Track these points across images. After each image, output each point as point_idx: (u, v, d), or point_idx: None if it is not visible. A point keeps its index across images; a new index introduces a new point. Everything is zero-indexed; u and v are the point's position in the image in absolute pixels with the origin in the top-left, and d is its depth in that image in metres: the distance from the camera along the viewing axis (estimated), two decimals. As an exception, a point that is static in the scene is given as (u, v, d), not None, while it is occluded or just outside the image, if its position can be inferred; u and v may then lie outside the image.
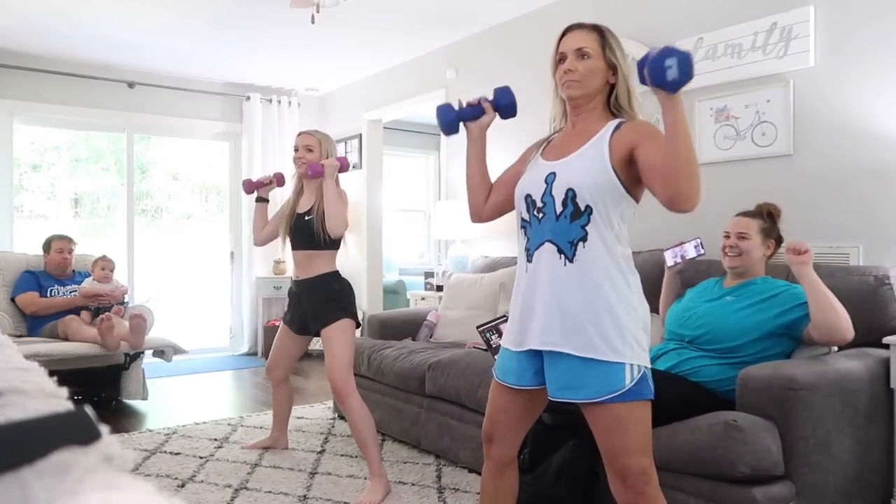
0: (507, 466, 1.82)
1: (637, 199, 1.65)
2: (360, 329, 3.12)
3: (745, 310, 2.31)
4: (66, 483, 0.41)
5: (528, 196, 1.69)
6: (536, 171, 1.71)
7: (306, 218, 2.91)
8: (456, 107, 1.88)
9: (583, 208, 1.59)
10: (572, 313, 1.58)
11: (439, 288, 4.83)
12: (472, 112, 1.87)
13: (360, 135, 6.11)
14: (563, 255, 1.61)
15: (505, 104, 1.84)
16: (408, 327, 3.99)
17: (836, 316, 2.13)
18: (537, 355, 1.68)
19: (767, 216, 2.46)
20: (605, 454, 1.61)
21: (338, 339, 2.84)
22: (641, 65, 1.47)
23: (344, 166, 2.90)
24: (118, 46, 5.18)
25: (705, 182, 3.44)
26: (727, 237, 2.46)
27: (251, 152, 6.27)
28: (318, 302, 2.91)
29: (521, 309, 1.70)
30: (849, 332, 2.15)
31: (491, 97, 1.87)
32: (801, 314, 2.21)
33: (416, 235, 8.23)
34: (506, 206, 1.87)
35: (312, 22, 3.75)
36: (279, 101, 6.38)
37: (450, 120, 1.86)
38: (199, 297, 6.57)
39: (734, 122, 3.24)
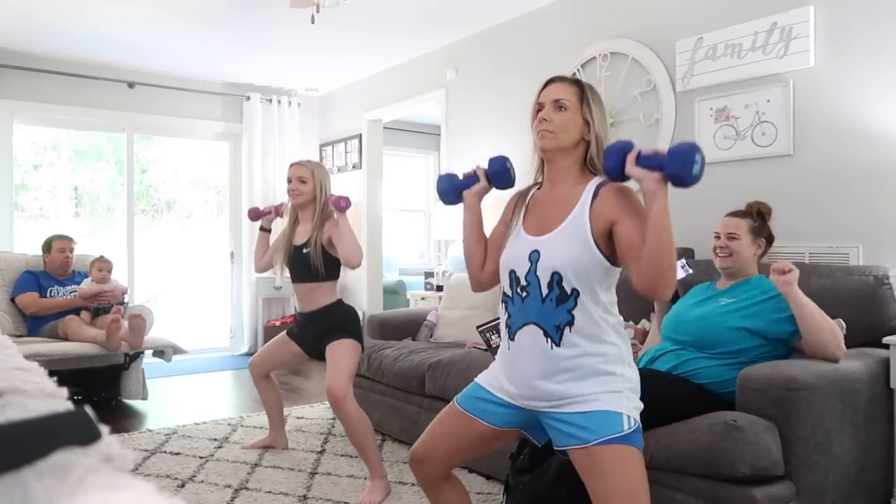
0: (442, 481, 1.82)
1: (620, 266, 1.64)
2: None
3: (739, 312, 2.30)
4: (66, 483, 0.41)
5: (512, 272, 1.67)
6: (519, 245, 1.68)
7: (304, 251, 2.90)
8: (461, 176, 1.89)
9: (569, 292, 1.57)
10: (565, 388, 1.58)
11: (439, 288, 4.83)
12: (469, 182, 1.87)
13: (360, 135, 6.11)
14: (549, 339, 1.60)
15: (492, 173, 1.83)
16: (408, 327, 3.99)
17: (824, 337, 2.13)
18: (519, 409, 1.69)
19: (757, 215, 2.45)
20: (597, 500, 1.58)
21: (342, 353, 2.84)
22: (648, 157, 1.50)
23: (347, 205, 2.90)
24: (118, 46, 5.18)
25: (705, 182, 3.44)
26: (717, 238, 2.46)
27: (251, 152, 6.27)
28: (324, 330, 2.93)
29: (507, 377, 1.69)
30: (839, 350, 2.13)
31: (486, 166, 1.87)
32: (793, 328, 2.21)
33: (416, 235, 8.23)
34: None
35: (312, 22, 3.75)
36: (279, 101, 6.38)
37: (444, 190, 1.89)
38: (199, 297, 6.57)
39: (734, 122, 3.24)
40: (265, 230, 3.28)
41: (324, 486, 2.82)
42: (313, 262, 2.86)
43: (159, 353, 4.32)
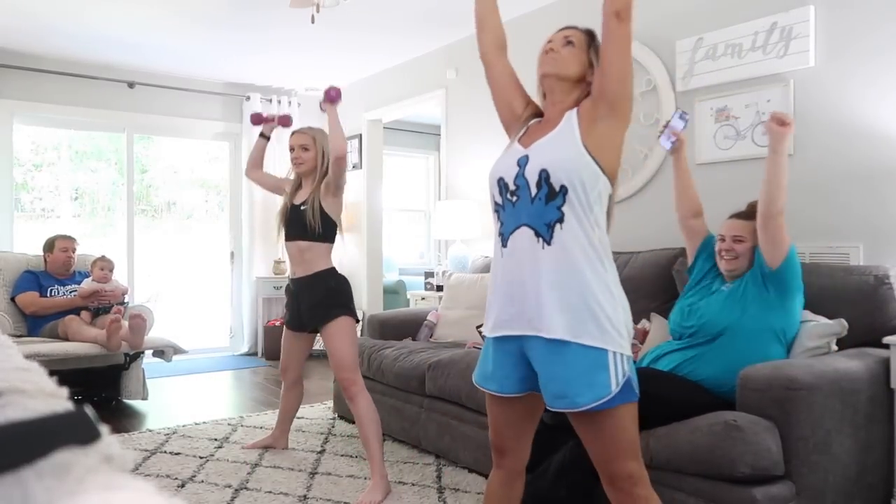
0: (519, 475, 1.82)
1: (612, 177, 1.63)
2: (359, 326, 3.13)
3: (737, 295, 2.33)
4: (66, 483, 0.41)
5: (500, 179, 1.68)
6: (510, 154, 1.71)
7: (302, 208, 2.92)
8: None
9: (557, 188, 1.57)
10: (554, 297, 1.57)
11: (439, 288, 4.83)
12: None
13: (360, 135, 6.11)
14: (540, 238, 1.59)
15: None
16: (408, 327, 3.99)
17: (779, 193, 2.23)
18: (520, 361, 1.67)
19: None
20: (595, 460, 1.63)
21: (339, 337, 2.84)
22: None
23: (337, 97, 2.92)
24: (118, 46, 5.18)
25: (705, 182, 3.45)
26: (722, 240, 2.45)
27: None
28: (316, 300, 2.92)
29: (502, 294, 1.68)
30: (782, 212, 2.24)
31: None
32: (757, 255, 2.30)
33: (416, 235, 8.23)
34: (506, 82, 1.96)
35: (312, 22, 3.75)
36: (279, 101, 6.38)
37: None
38: (199, 297, 6.57)
39: (734, 122, 3.24)
40: (264, 137, 3.31)
41: (324, 486, 2.82)
42: (309, 219, 2.87)
43: (159, 353, 4.33)
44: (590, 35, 1.74)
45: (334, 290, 2.93)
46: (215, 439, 3.48)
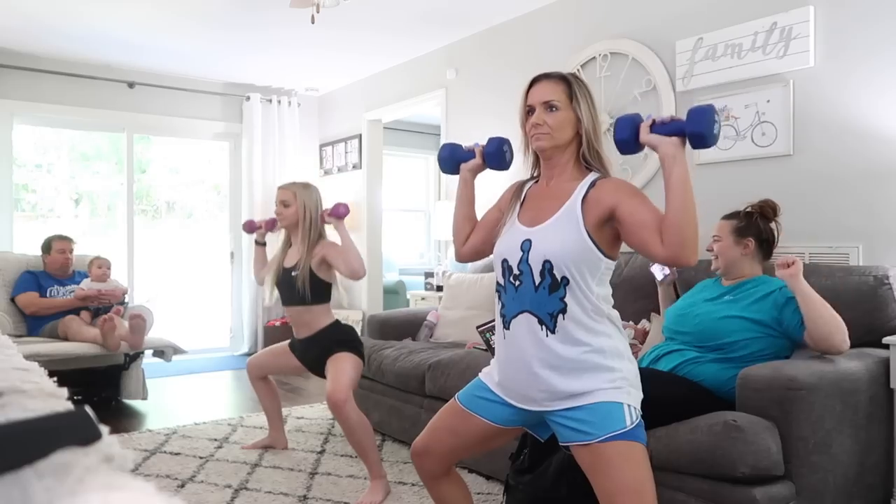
0: (443, 476, 1.83)
1: (614, 259, 1.65)
2: (360, 329, 3.13)
3: (742, 309, 2.31)
4: (66, 483, 0.41)
5: (504, 261, 1.68)
6: (513, 235, 1.69)
7: (292, 273, 2.89)
8: (464, 147, 1.95)
9: (559, 279, 1.58)
10: (564, 378, 1.59)
11: (439, 288, 4.83)
12: (467, 156, 1.94)
13: (360, 135, 6.11)
14: (544, 327, 1.60)
15: (488, 153, 1.89)
16: (408, 327, 3.99)
17: (829, 329, 2.12)
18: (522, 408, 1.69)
19: (745, 215, 2.46)
20: (602, 498, 1.58)
21: (343, 364, 2.82)
22: (664, 123, 1.54)
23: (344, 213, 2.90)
24: (118, 46, 5.18)
25: (705, 182, 3.45)
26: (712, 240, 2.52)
27: (251, 152, 6.27)
28: (323, 350, 2.91)
29: (507, 374, 1.69)
30: (844, 343, 2.13)
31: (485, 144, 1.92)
32: (798, 319, 2.21)
33: (416, 235, 8.23)
34: (484, 251, 1.89)
35: (312, 22, 3.75)
36: (279, 101, 6.38)
37: (444, 158, 1.96)
38: (199, 297, 6.56)
39: (734, 122, 3.24)
40: (259, 244, 3.32)
41: (324, 486, 2.82)
42: (298, 286, 2.85)
43: (159, 353, 4.32)
44: (567, 83, 1.68)
45: (340, 339, 2.92)
46: (215, 439, 3.48)
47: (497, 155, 1.87)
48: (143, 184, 6.27)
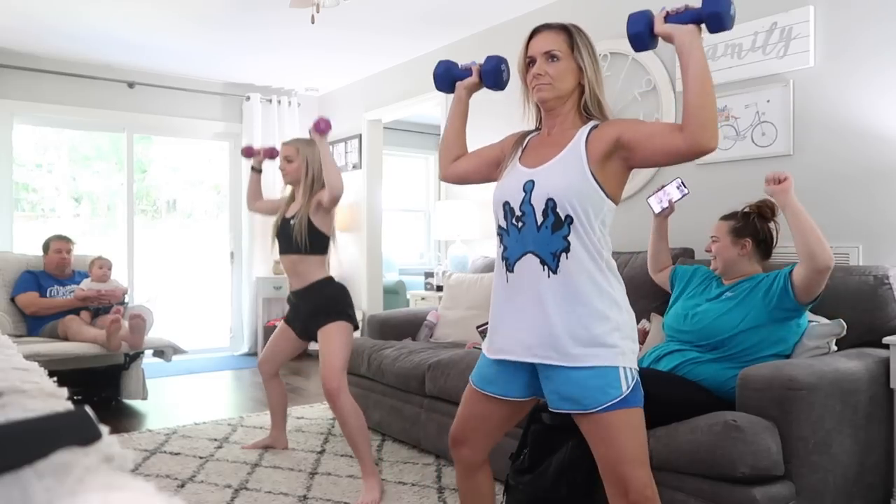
0: (479, 468, 1.83)
1: (616, 201, 1.64)
2: (359, 330, 3.13)
3: (739, 303, 2.32)
4: (66, 483, 0.41)
5: (506, 203, 1.67)
6: (514, 177, 1.69)
7: (291, 222, 2.93)
8: (460, 65, 1.96)
9: (563, 218, 1.57)
10: (562, 325, 1.57)
11: (439, 288, 4.83)
12: (464, 74, 1.94)
13: (360, 135, 6.11)
14: (546, 267, 1.59)
15: (485, 70, 1.88)
16: (408, 327, 3.99)
17: (817, 241, 2.13)
18: (525, 366, 1.67)
19: (742, 216, 2.46)
20: (603, 465, 1.60)
21: (333, 340, 2.84)
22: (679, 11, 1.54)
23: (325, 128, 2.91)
24: (118, 46, 5.18)
25: (705, 182, 3.45)
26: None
27: (251, 152, 6.27)
28: (315, 309, 2.93)
29: (503, 319, 1.68)
30: (831, 259, 2.14)
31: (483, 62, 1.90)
32: (784, 279, 2.22)
33: (416, 235, 8.23)
34: (471, 177, 1.90)
35: (312, 22, 3.75)
36: (279, 101, 6.38)
37: (440, 75, 1.96)
38: (199, 297, 6.56)
39: (734, 122, 3.24)
40: (256, 170, 3.37)
41: (324, 486, 2.82)
42: (295, 234, 2.88)
43: (159, 353, 4.32)
44: (568, 33, 1.69)
45: (332, 298, 2.94)
46: (215, 439, 3.48)
47: (494, 73, 1.86)
48: (144, 184, 6.27)
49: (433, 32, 4.87)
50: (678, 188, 2.74)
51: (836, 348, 2.33)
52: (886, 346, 2.30)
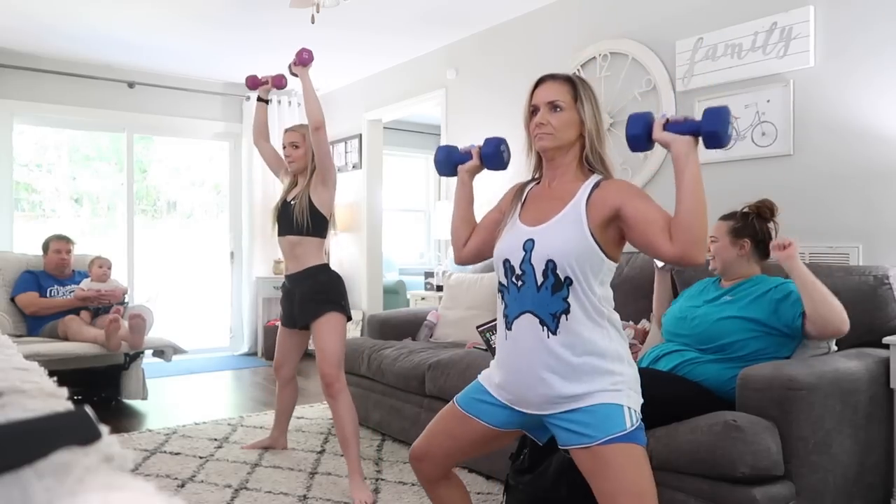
0: (440, 481, 1.83)
1: (616, 261, 1.65)
2: (358, 324, 3.14)
3: (736, 304, 2.31)
4: (66, 483, 0.41)
5: (506, 261, 1.68)
6: (515, 235, 1.69)
7: (291, 203, 2.95)
8: (460, 149, 1.95)
9: (563, 279, 1.58)
10: (565, 381, 1.58)
11: (439, 288, 4.83)
12: (464, 158, 1.93)
13: (360, 135, 6.11)
14: (545, 328, 1.60)
15: (485, 154, 1.88)
16: (408, 327, 3.99)
17: (829, 309, 2.11)
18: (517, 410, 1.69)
19: (741, 216, 2.46)
20: (603, 500, 1.57)
21: (326, 333, 2.85)
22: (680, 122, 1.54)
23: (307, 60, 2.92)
24: (118, 46, 5.18)
25: (705, 182, 3.43)
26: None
27: (251, 152, 6.26)
28: (307, 296, 2.93)
29: (507, 376, 1.69)
30: (844, 324, 2.13)
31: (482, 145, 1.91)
32: (798, 309, 2.20)
33: (416, 235, 8.23)
34: (484, 252, 1.88)
35: (312, 22, 3.75)
36: (279, 101, 6.38)
37: (440, 161, 1.95)
38: (199, 297, 6.57)
39: (734, 122, 3.24)
40: (262, 101, 3.32)
41: (324, 486, 2.82)
42: (297, 214, 2.88)
43: (159, 353, 4.32)
44: (572, 85, 1.69)
45: (325, 284, 2.93)
46: (215, 439, 3.48)
47: (495, 156, 1.87)
48: (144, 184, 6.27)
49: (433, 32, 4.86)
50: None
51: (836, 348, 2.33)
52: (886, 346, 2.30)
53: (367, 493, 2.69)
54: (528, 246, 1.63)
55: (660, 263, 2.75)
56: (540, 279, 1.60)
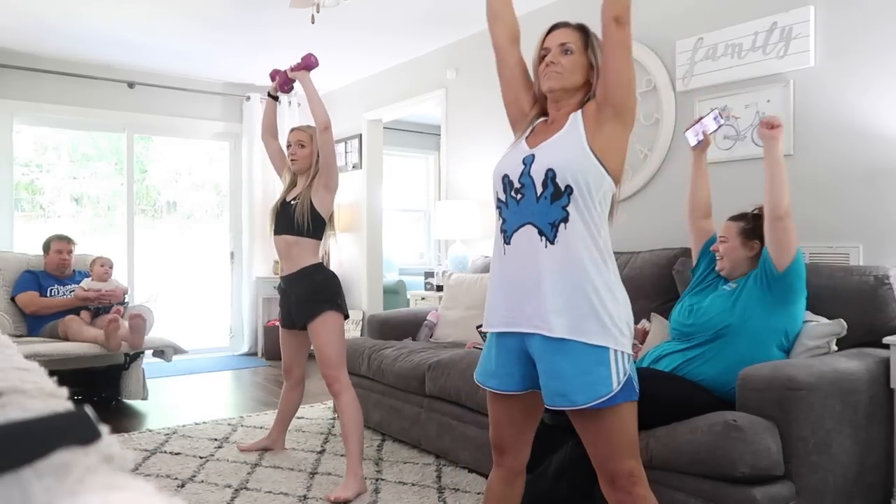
0: (519, 474, 1.83)
1: (617, 180, 1.64)
2: (357, 323, 3.14)
3: (738, 293, 2.33)
4: (66, 483, 0.41)
5: (505, 176, 1.69)
6: (515, 152, 1.71)
7: (291, 203, 2.95)
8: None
9: (563, 188, 1.58)
10: (557, 294, 1.57)
11: (439, 288, 4.83)
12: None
13: (360, 135, 6.11)
14: (543, 237, 1.60)
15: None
16: (408, 327, 3.99)
17: (780, 190, 2.23)
18: (522, 358, 1.67)
19: (752, 217, 2.46)
20: (594, 458, 1.64)
21: (324, 333, 2.85)
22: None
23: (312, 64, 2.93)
24: (118, 46, 5.18)
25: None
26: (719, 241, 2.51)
27: (251, 152, 6.27)
28: (303, 296, 2.93)
29: (501, 292, 1.68)
30: (787, 205, 2.22)
31: None
32: (764, 255, 2.27)
33: (416, 235, 8.23)
34: (512, 32, 1.90)
35: (312, 22, 3.75)
36: (279, 102, 6.37)
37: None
38: (199, 297, 6.57)
39: (734, 122, 3.24)
40: (271, 97, 3.35)
41: (324, 486, 2.82)
42: (297, 215, 2.88)
43: (159, 353, 4.33)
44: (584, 32, 1.74)
45: (321, 283, 2.94)
46: (215, 439, 3.48)
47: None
48: (144, 184, 6.26)
49: (433, 32, 4.86)
50: (715, 119, 2.59)
51: (836, 348, 2.33)
52: (886, 346, 2.30)
53: (346, 493, 2.66)
54: (528, 160, 1.65)
55: (692, 142, 2.63)
56: (539, 189, 1.61)
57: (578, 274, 1.57)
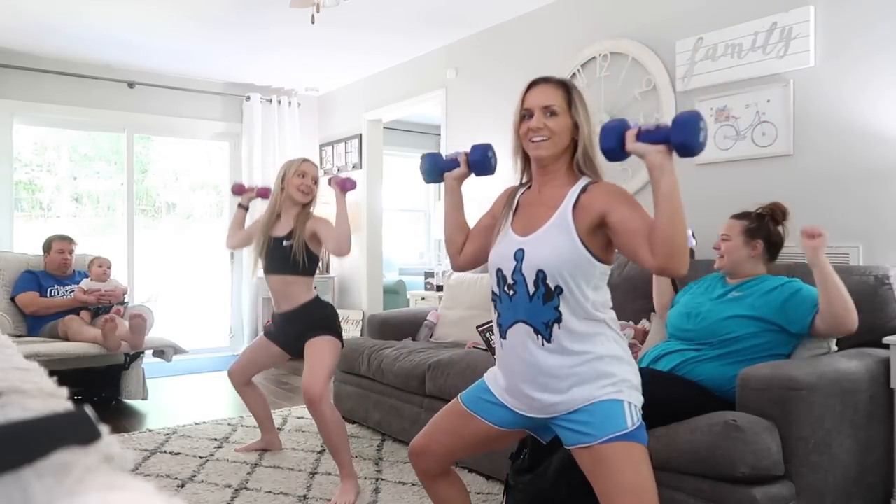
0: (438, 477, 1.83)
1: (609, 264, 1.64)
2: (360, 329, 3.14)
3: (748, 306, 2.31)
4: (66, 483, 0.41)
5: (499, 271, 1.68)
6: (506, 244, 1.69)
7: (285, 243, 2.88)
8: (443, 155, 1.94)
9: (553, 289, 1.57)
10: (563, 385, 1.59)
11: (439, 288, 4.83)
12: (451, 165, 1.91)
13: (360, 135, 6.12)
14: (540, 336, 1.60)
15: (473, 161, 1.87)
16: (408, 327, 3.99)
17: (844, 308, 2.11)
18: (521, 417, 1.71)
19: (756, 217, 2.45)
20: (603, 499, 1.57)
21: (321, 351, 2.82)
22: (651, 130, 1.49)
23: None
24: (118, 46, 5.18)
25: (705, 182, 3.44)
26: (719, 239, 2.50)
27: (251, 152, 6.27)
28: (305, 329, 2.90)
29: (506, 382, 1.70)
30: (854, 323, 2.13)
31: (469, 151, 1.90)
32: (807, 307, 2.19)
33: (416, 235, 8.23)
34: (481, 257, 1.86)
35: (312, 22, 3.75)
36: (279, 101, 6.38)
37: (426, 169, 1.93)
38: (199, 297, 6.57)
39: (734, 122, 3.24)
40: (243, 207, 3.37)
41: (324, 486, 2.82)
42: (295, 255, 2.85)
43: (159, 353, 4.32)
44: (565, 89, 1.67)
45: (323, 317, 2.93)
46: (215, 439, 3.48)
47: (483, 163, 1.86)
48: (144, 184, 6.26)
49: (433, 32, 4.87)
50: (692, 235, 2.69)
51: (836, 348, 2.33)
52: (886, 346, 2.30)
53: (346, 497, 2.65)
54: (519, 255, 1.63)
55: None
56: (531, 289, 1.60)
57: (580, 365, 1.59)
